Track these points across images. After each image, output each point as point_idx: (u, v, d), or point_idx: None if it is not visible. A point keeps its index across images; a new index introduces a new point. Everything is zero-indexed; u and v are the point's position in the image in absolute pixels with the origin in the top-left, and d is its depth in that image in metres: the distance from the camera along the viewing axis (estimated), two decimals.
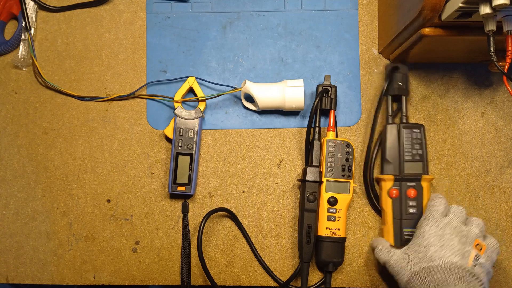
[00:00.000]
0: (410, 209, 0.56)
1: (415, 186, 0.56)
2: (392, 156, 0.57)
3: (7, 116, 0.65)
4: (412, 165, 0.56)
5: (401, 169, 0.56)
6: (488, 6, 0.43)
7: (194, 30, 0.65)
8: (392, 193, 0.56)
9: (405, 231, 0.56)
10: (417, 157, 0.56)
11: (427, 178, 0.56)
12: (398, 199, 0.56)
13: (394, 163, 0.57)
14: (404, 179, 0.56)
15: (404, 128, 0.57)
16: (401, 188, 0.56)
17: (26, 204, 0.64)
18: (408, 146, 0.56)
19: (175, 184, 0.61)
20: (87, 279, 0.63)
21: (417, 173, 0.56)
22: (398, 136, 0.57)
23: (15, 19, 0.67)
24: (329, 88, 0.61)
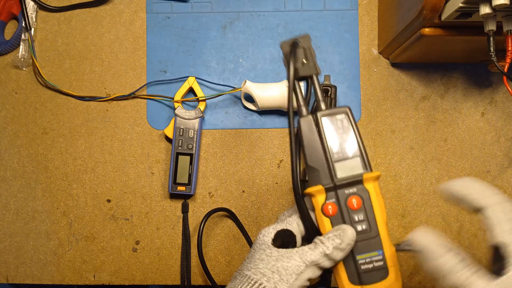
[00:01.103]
0: (358, 225, 0.39)
1: (357, 192, 0.39)
2: (316, 159, 0.39)
3: (7, 116, 0.65)
4: (346, 165, 0.39)
5: (332, 173, 0.39)
6: (488, 6, 0.43)
7: (194, 30, 0.65)
8: (327, 209, 0.39)
9: (359, 259, 0.39)
10: (350, 151, 0.39)
11: (370, 176, 0.39)
12: (337, 216, 0.39)
13: (321, 168, 0.39)
14: (339, 187, 0.39)
15: (322, 117, 0.40)
16: (338, 200, 0.39)
17: (26, 204, 0.64)
18: (333, 140, 0.39)
19: (175, 184, 0.61)
20: (87, 279, 0.63)
21: (355, 173, 0.39)
22: (318, 130, 0.40)
23: (15, 19, 0.67)
24: (329, 88, 0.61)
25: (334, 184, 0.39)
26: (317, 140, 0.40)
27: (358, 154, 0.39)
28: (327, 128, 0.40)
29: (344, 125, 0.40)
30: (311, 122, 0.40)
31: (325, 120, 0.40)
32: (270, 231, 0.40)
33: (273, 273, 0.36)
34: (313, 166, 0.40)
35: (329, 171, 0.39)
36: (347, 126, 0.40)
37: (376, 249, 0.38)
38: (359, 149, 0.39)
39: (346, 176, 0.39)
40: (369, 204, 0.39)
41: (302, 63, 0.42)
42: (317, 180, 0.39)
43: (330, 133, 0.40)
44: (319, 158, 0.40)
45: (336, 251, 0.37)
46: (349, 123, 0.40)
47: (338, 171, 0.39)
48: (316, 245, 0.38)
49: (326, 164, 0.39)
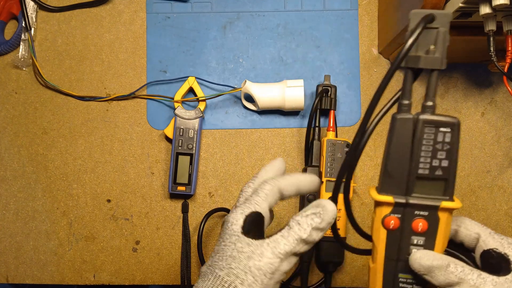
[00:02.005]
0: (414, 248, 0.36)
1: (427, 216, 0.35)
2: (398, 166, 0.35)
3: (7, 116, 0.65)
4: (428, 185, 0.35)
5: (409, 188, 0.35)
6: (488, 6, 0.43)
7: (194, 30, 0.65)
8: (388, 223, 0.36)
9: (401, 277, 0.37)
10: (439, 171, 0.34)
11: (449, 206, 0.34)
12: (396, 231, 0.36)
13: (399, 179, 0.35)
14: (410, 205, 0.35)
15: (425, 123, 0.34)
16: (403, 217, 0.36)
17: (26, 204, 0.64)
18: (426, 153, 0.34)
19: (175, 184, 0.61)
20: (87, 279, 0.63)
21: (434, 197, 0.35)
22: (413, 135, 0.34)
23: (15, 19, 0.67)
24: (329, 88, 0.61)
25: (407, 201, 0.35)
26: (407, 146, 0.34)
27: (445, 177, 0.34)
28: (425, 137, 0.34)
29: (445, 140, 0.34)
30: (410, 124, 0.34)
31: (427, 128, 0.34)
32: (238, 217, 0.37)
33: (246, 274, 0.34)
34: (392, 173, 0.35)
35: (406, 185, 0.35)
36: (448, 142, 0.34)
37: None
38: (449, 173, 0.34)
39: (422, 197, 0.35)
40: (434, 232, 0.35)
41: (427, 50, 0.34)
42: (389, 190, 0.35)
43: (426, 145, 0.34)
44: (402, 167, 0.35)
45: (315, 232, 0.35)
46: (453, 141, 0.34)
47: (416, 188, 0.35)
48: (289, 229, 0.35)
49: (406, 176, 0.35)
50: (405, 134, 0.34)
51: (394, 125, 0.35)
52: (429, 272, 0.34)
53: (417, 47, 0.34)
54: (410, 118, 0.34)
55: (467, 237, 0.37)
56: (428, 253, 0.34)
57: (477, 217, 0.63)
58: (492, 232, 0.37)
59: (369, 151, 0.63)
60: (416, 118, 0.34)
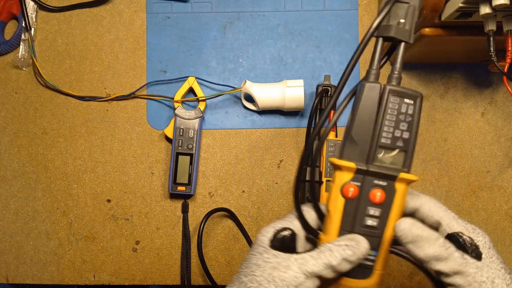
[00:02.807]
0: (369, 220, 0.36)
1: (385, 187, 0.36)
2: (362, 133, 0.35)
3: (7, 116, 0.65)
4: (389, 154, 0.36)
5: (371, 156, 0.35)
6: (488, 6, 0.43)
7: (194, 30, 0.65)
8: (347, 191, 0.36)
9: None
10: (400, 142, 0.35)
11: (407, 178, 0.35)
12: (354, 201, 0.36)
13: (362, 146, 0.35)
14: (371, 173, 0.35)
15: (391, 93, 0.35)
16: (362, 186, 0.36)
17: (26, 204, 0.64)
18: (390, 122, 0.35)
19: (175, 184, 0.61)
20: (87, 279, 0.63)
21: (394, 167, 0.36)
22: (379, 103, 0.35)
23: (15, 19, 0.67)
24: (329, 88, 0.61)
25: (367, 169, 0.35)
26: (373, 114, 0.35)
27: (405, 149, 0.35)
28: (390, 106, 0.35)
29: (408, 111, 0.35)
30: (376, 92, 0.35)
31: (392, 98, 0.35)
32: (268, 229, 0.37)
33: (269, 283, 0.34)
34: (355, 139, 0.35)
35: (368, 152, 0.35)
36: (410, 114, 0.36)
37: (373, 248, 0.36)
38: (409, 145, 0.35)
39: (382, 166, 0.35)
40: (390, 203, 0.36)
41: (398, 22, 0.35)
42: (351, 156, 0.36)
43: (390, 114, 0.35)
44: (365, 133, 0.35)
45: (344, 263, 0.34)
46: (414, 114, 0.36)
47: (377, 156, 0.35)
48: (320, 253, 0.34)
49: (369, 144, 0.35)
50: (371, 101, 0.35)
51: (361, 92, 0.35)
52: (416, 242, 0.33)
53: (389, 18, 0.36)
54: (378, 86, 0.35)
55: (428, 218, 0.37)
56: (417, 223, 0.34)
57: (477, 217, 0.63)
58: (456, 217, 0.37)
59: None
60: (383, 87, 0.35)
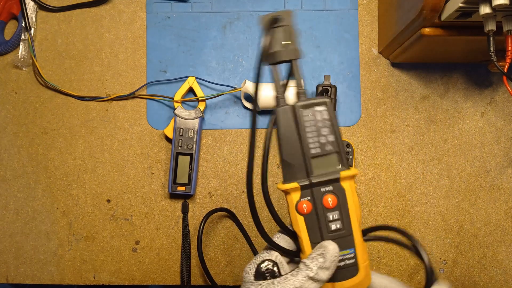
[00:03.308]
0: (332, 224, 0.38)
1: (333, 190, 0.38)
2: (292, 153, 0.38)
3: (7, 116, 0.65)
4: (323, 161, 0.38)
5: (309, 170, 0.37)
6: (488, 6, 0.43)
7: (194, 30, 0.65)
8: (301, 208, 0.38)
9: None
10: (329, 146, 0.37)
11: (347, 174, 0.37)
12: (312, 214, 0.38)
13: (297, 164, 0.38)
14: (315, 184, 0.37)
15: (301, 108, 0.37)
16: (313, 198, 0.38)
17: (26, 204, 0.64)
18: (312, 133, 0.37)
19: (175, 184, 0.61)
20: (87, 279, 0.63)
21: (332, 171, 0.37)
22: (296, 122, 0.37)
23: (15, 19, 0.67)
24: (329, 88, 0.61)
25: (310, 182, 0.37)
26: (294, 133, 0.37)
27: (336, 150, 0.37)
28: (305, 120, 0.37)
29: (323, 117, 0.37)
30: (289, 113, 0.37)
31: (304, 112, 0.37)
32: (251, 266, 0.39)
33: None
34: (289, 161, 0.38)
35: (305, 167, 0.37)
36: (326, 119, 0.37)
37: (348, 247, 0.38)
38: (337, 145, 0.37)
39: (322, 173, 0.37)
40: (344, 202, 0.38)
41: (283, 45, 0.37)
42: (292, 177, 0.38)
43: (309, 126, 0.37)
44: (295, 152, 0.37)
45: (321, 271, 0.36)
46: (330, 116, 0.37)
47: (314, 167, 0.37)
48: (298, 270, 0.37)
49: (302, 160, 0.37)
50: (288, 122, 0.37)
51: (277, 118, 0.37)
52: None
53: (274, 44, 0.37)
54: (288, 107, 0.37)
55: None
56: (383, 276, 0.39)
57: (477, 217, 0.63)
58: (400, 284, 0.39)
59: (368, 151, 0.63)
60: (293, 106, 0.37)
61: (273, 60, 0.37)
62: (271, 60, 0.38)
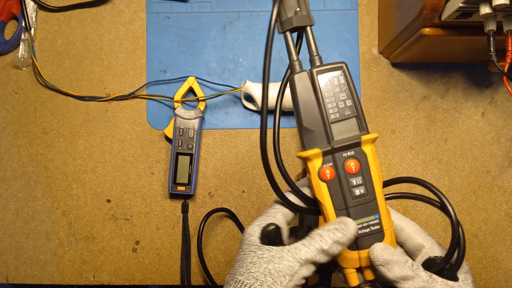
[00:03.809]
0: (356, 190, 0.37)
1: (355, 155, 0.37)
2: (311, 119, 0.37)
3: (7, 116, 0.65)
4: (344, 126, 0.37)
5: (329, 135, 0.37)
6: (488, 6, 0.42)
7: (194, 30, 0.65)
8: (324, 174, 0.37)
9: (357, 223, 0.37)
10: (348, 111, 0.37)
11: (369, 138, 0.37)
12: (335, 180, 0.37)
13: (317, 130, 0.37)
14: (337, 150, 0.37)
15: (318, 74, 0.37)
16: (335, 164, 0.37)
17: (26, 204, 0.64)
18: (330, 99, 0.37)
19: (175, 184, 0.61)
20: (87, 279, 0.63)
21: (353, 135, 0.37)
22: (314, 88, 0.37)
23: (15, 19, 0.67)
24: None
25: (332, 147, 0.37)
26: (312, 99, 0.37)
27: (355, 114, 0.37)
28: (323, 86, 0.37)
29: (340, 82, 0.37)
30: (306, 79, 0.37)
31: (321, 78, 0.37)
32: (255, 228, 0.38)
33: (265, 276, 0.35)
34: (309, 127, 0.37)
35: (325, 133, 0.37)
36: (343, 83, 0.37)
37: (373, 213, 0.37)
38: (356, 109, 0.37)
39: (343, 138, 0.37)
40: (366, 167, 0.37)
41: (295, 11, 0.37)
42: (313, 143, 0.37)
43: (327, 92, 0.37)
44: (315, 118, 0.37)
45: (335, 245, 0.35)
46: (346, 81, 0.37)
47: (334, 133, 0.37)
48: (311, 240, 0.36)
49: (322, 125, 0.37)
50: (305, 89, 0.37)
51: (294, 85, 0.37)
52: (387, 264, 0.35)
53: (286, 11, 0.37)
54: (305, 73, 0.37)
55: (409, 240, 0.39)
56: (389, 247, 0.36)
57: (477, 217, 0.63)
58: (437, 242, 0.39)
59: None
60: (310, 71, 0.37)
61: (286, 27, 0.37)
62: (284, 28, 0.38)
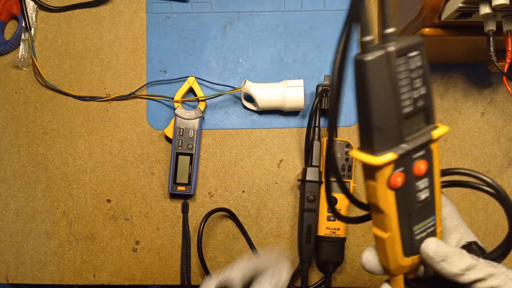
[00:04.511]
0: (422, 194, 0.32)
1: (425, 154, 0.31)
2: (385, 117, 0.29)
3: (7, 116, 0.65)
4: (414, 120, 0.30)
5: (401, 133, 0.30)
6: (488, 6, 0.43)
7: (194, 30, 0.65)
8: (395, 182, 0.30)
9: (416, 229, 0.33)
10: (420, 102, 0.30)
11: (440, 134, 0.31)
12: (404, 187, 0.31)
13: (390, 129, 0.29)
14: (411, 152, 0.30)
15: (397, 55, 0.28)
16: (406, 168, 0.30)
17: (26, 204, 0.64)
18: (406, 87, 0.29)
19: (175, 184, 0.61)
20: (87, 279, 0.63)
21: (424, 131, 0.31)
22: (390, 74, 0.28)
23: (15, 19, 0.67)
24: (329, 88, 0.61)
25: (407, 149, 0.30)
26: (388, 89, 0.28)
27: (426, 105, 0.30)
28: (400, 71, 0.28)
29: (417, 65, 0.29)
30: (383, 62, 0.28)
31: (400, 60, 0.28)
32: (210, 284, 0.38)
33: None
34: (381, 126, 0.29)
35: (399, 131, 0.29)
36: (420, 66, 0.29)
37: (430, 215, 0.34)
38: (430, 99, 0.30)
39: (415, 136, 0.30)
40: (431, 166, 0.32)
41: None
42: (385, 146, 0.29)
43: (403, 79, 0.29)
44: (389, 114, 0.29)
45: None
46: (423, 63, 0.29)
47: (406, 128, 0.30)
48: None
49: (396, 122, 0.29)
50: (381, 76, 0.28)
51: (366, 71, 0.28)
52: (447, 258, 0.32)
53: None
54: (382, 55, 0.28)
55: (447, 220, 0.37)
56: (440, 241, 0.33)
57: (477, 217, 0.63)
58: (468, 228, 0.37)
59: None
60: (386, 52, 0.28)
61: None
62: None
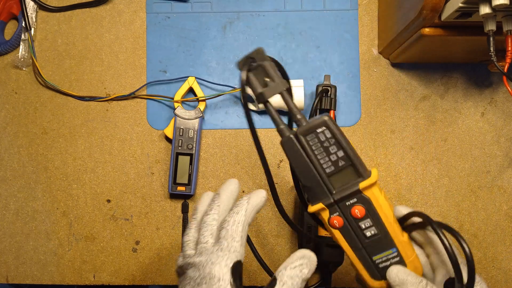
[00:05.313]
0: (367, 231, 0.40)
1: (358, 201, 0.39)
2: (309, 178, 0.39)
3: (7, 116, 0.65)
4: (341, 176, 0.39)
5: (330, 188, 0.39)
6: (488, 6, 0.43)
7: (194, 30, 0.65)
8: (333, 224, 0.40)
9: (376, 259, 0.40)
10: (341, 162, 0.38)
11: (367, 184, 0.38)
12: (345, 226, 0.40)
13: (317, 186, 0.39)
14: (339, 200, 0.39)
15: (303, 134, 0.37)
16: (342, 213, 0.39)
17: (26, 204, 0.64)
18: (321, 154, 0.38)
19: (175, 184, 0.61)
20: (87, 279, 0.63)
21: (352, 183, 0.39)
22: (303, 148, 0.38)
23: (15, 19, 0.67)
24: (329, 88, 0.61)
25: (334, 200, 0.39)
26: (304, 159, 0.38)
27: (349, 163, 0.38)
28: (311, 144, 0.38)
29: (327, 136, 0.37)
30: (293, 143, 0.38)
31: (308, 137, 0.38)
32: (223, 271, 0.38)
33: None
34: (308, 185, 0.39)
35: (326, 187, 0.39)
36: (330, 137, 0.37)
37: (389, 247, 0.40)
38: (349, 158, 0.38)
39: (343, 188, 0.39)
40: (372, 209, 0.39)
41: (264, 83, 0.38)
42: (316, 198, 0.39)
43: (316, 149, 0.38)
44: (312, 176, 0.39)
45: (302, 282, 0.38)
46: (333, 133, 0.37)
47: (334, 184, 0.39)
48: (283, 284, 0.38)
49: (321, 181, 0.39)
50: (295, 151, 0.38)
51: (284, 149, 0.38)
52: (402, 285, 0.37)
53: (257, 86, 0.37)
54: (290, 138, 0.38)
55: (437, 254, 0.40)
56: (405, 269, 0.39)
57: (477, 217, 0.63)
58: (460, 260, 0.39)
59: (368, 151, 0.63)
60: (295, 134, 0.38)
61: (261, 100, 0.38)
62: (259, 101, 0.38)
